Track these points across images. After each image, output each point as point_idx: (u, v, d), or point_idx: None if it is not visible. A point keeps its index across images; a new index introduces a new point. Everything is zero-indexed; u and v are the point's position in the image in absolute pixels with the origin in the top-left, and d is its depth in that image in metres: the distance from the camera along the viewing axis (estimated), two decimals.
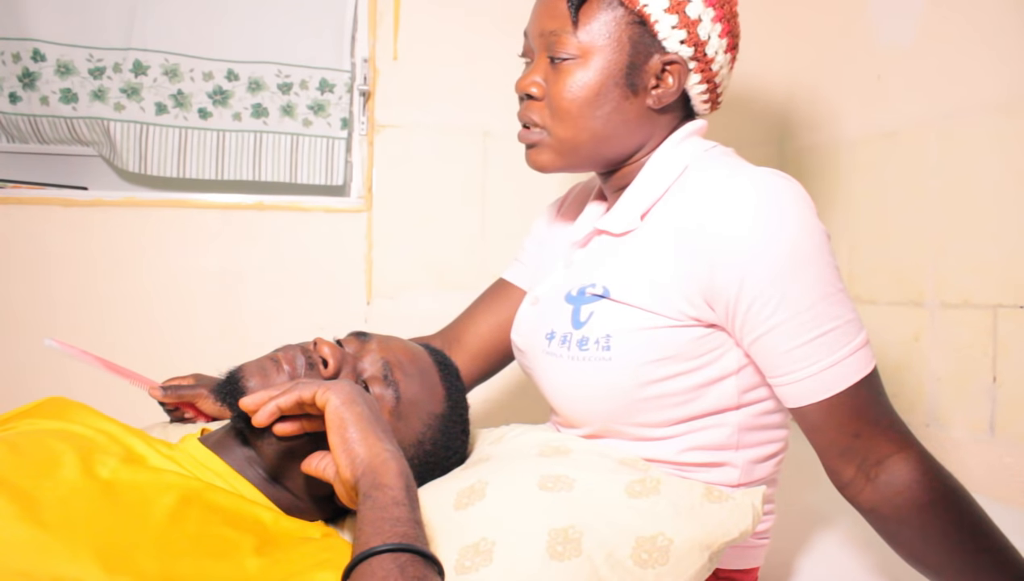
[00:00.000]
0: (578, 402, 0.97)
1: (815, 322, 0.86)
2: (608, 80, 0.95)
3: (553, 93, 0.97)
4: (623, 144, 0.99)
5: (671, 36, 0.95)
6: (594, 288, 0.96)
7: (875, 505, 0.89)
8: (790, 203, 0.88)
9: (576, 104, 0.96)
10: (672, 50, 0.95)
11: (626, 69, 0.95)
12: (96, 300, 1.61)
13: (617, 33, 0.95)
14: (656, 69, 0.96)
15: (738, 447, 0.96)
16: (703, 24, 0.95)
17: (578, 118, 0.96)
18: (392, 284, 1.72)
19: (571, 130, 0.97)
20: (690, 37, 0.95)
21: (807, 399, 0.88)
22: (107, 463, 0.80)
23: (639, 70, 0.96)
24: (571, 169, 1.02)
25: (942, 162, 1.43)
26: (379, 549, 0.66)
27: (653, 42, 0.95)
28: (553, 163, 1.00)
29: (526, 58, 1.03)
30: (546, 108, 0.98)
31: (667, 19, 0.94)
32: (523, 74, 1.01)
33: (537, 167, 1.02)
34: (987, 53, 1.35)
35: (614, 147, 0.99)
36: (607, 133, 0.97)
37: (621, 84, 0.95)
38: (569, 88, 0.95)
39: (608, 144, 0.99)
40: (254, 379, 0.88)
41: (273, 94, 1.72)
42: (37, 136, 1.66)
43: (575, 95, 0.95)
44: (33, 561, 0.67)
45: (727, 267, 0.87)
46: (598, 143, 0.98)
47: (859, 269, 1.62)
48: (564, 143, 0.98)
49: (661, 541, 0.82)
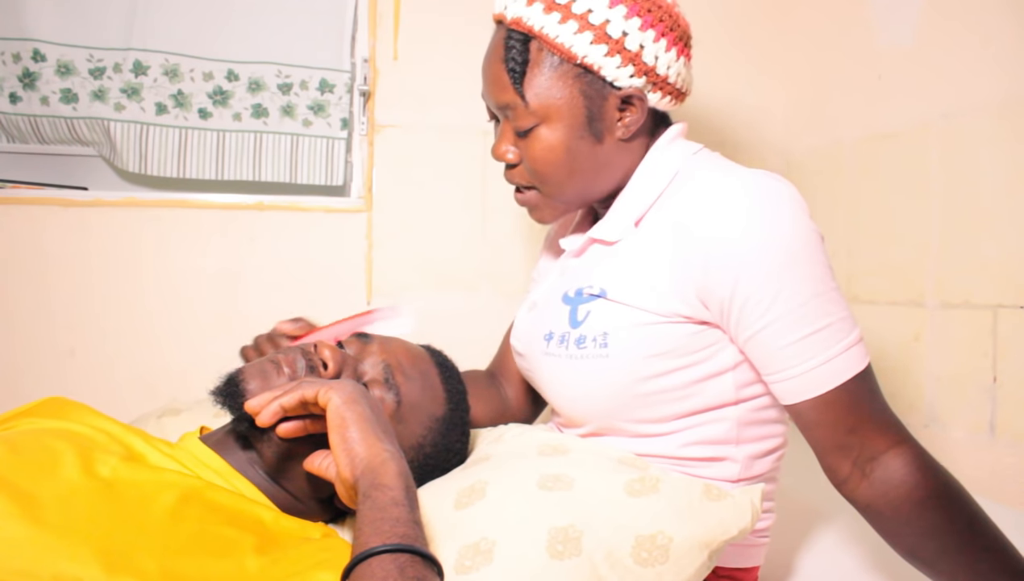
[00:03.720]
0: (578, 400, 0.97)
1: (807, 320, 0.87)
2: (572, 136, 0.97)
3: (528, 159, 1.00)
4: (610, 177, 1.02)
5: (620, 75, 0.95)
6: (591, 289, 0.97)
7: (871, 501, 0.89)
8: (782, 204, 0.89)
9: (551, 166, 0.98)
10: (625, 86, 0.96)
11: (586, 121, 0.96)
12: (96, 300, 1.61)
13: (567, 89, 0.95)
14: (615, 106, 0.97)
15: (738, 442, 0.96)
16: (647, 51, 0.95)
17: (556, 176, 0.99)
18: (392, 284, 1.72)
19: (555, 187, 1.01)
20: (639, 69, 0.95)
21: (801, 396, 0.89)
22: (107, 462, 0.80)
23: (599, 116, 0.97)
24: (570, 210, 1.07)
25: (942, 162, 1.43)
26: (378, 549, 0.66)
27: (604, 85, 0.96)
28: (552, 215, 1.05)
29: (494, 121, 1.05)
30: (526, 171, 1.01)
31: (610, 62, 0.94)
32: (495, 141, 1.03)
33: (540, 221, 1.07)
34: (987, 53, 1.35)
35: (603, 183, 1.02)
36: (590, 177, 1.00)
37: (587, 136, 0.97)
38: (539, 155, 0.98)
39: (596, 183, 1.01)
40: (255, 381, 0.88)
41: (273, 94, 1.72)
42: (37, 136, 1.66)
43: (547, 159, 0.98)
44: (33, 560, 0.67)
45: (720, 269, 0.88)
46: (585, 187, 1.01)
47: (859, 269, 1.62)
48: (554, 197, 1.02)
49: (661, 540, 0.82)
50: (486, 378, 1.24)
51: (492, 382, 1.24)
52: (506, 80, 0.97)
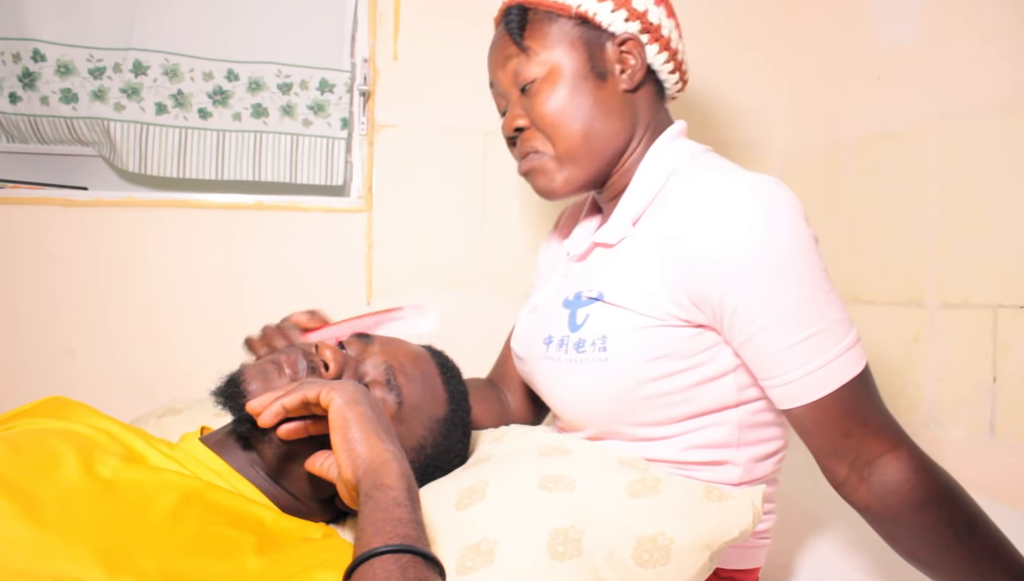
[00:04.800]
0: (578, 404, 0.97)
1: (801, 324, 0.87)
2: (576, 78, 1.00)
3: (536, 116, 1.01)
4: (613, 134, 1.01)
5: (614, 20, 1.01)
6: (590, 291, 0.97)
7: (869, 504, 0.89)
8: (776, 209, 0.88)
9: (558, 112, 1.00)
10: (621, 31, 1.01)
11: (588, 63, 1.00)
12: (96, 300, 1.61)
13: (567, 40, 1.00)
14: (615, 55, 1.01)
15: (739, 445, 0.96)
16: None
17: (565, 124, 1.00)
18: (392, 284, 1.72)
19: (563, 140, 1.00)
20: (631, 14, 1.01)
21: (796, 401, 0.89)
22: (108, 462, 0.80)
23: (600, 59, 1.01)
24: (575, 183, 1.03)
25: (942, 162, 1.43)
26: (380, 550, 0.66)
27: (601, 33, 1.01)
28: (556, 179, 1.02)
29: (502, 107, 1.07)
30: (537, 133, 1.02)
31: (604, 7, 1.00)
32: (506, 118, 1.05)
33: (544, 190, 1.04)
34: (987, 53, 1.35)
35: (605, 140, 1.01)
36: (594, 126, 1.00)
37: (589, 76, 1.00)
38: (547, 102, 1.00)
39: (599, 138, 1.01)
40: (256, 382, 0.88)
41: (273, 94, 1.72)
42: (37, 136, 1.66)
43: (554, 105, 1.00)
44: (33, 560, 0.67)
45: (710, 276, 0.88)
46: (589, 140, 1.00)
47: (859, 269, 1.62)
48: (562, 157, 1.01)
49: (662, 541, 0.82)
50: (486, 384, 1.24)
51: (493, 389, 1.23)
52: (508, 42, 1.02)
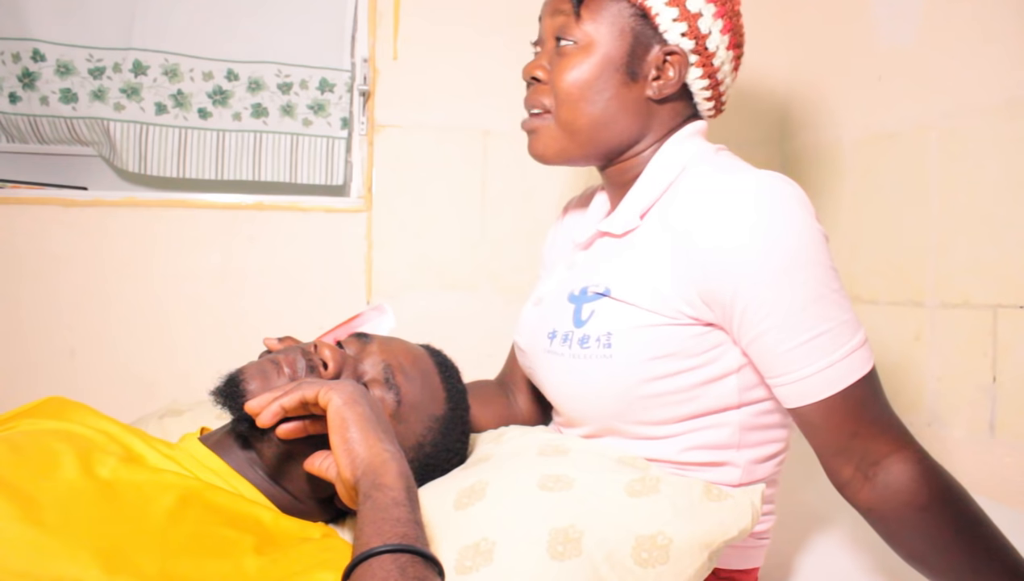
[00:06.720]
0: (579, 400, 0.97)
1: (810, 323, 0.86)
2: (608, 66, 0.98)
3: (556, 77, 0.99)
4: (620, 132, 1.00)
5: (672, 28, 0.97)
6: (596, 287, 0.96)
7: (873, 505, 0.89)
8: (787, 207, 0.88)
9: (576, 86, 0.98)
10: (673, 42, 0.97)
11: (627, 57, 0.98)
12: (96, 300, 1.61)
13: (619, 24, 0.97)
14: (658, 60, 0.98)
15: (739, 447, 0.96)
16: (704, 18, 0.97)
17: (578, 101, 0.98)
18: (392, 284, 1.72)
19: (571, 113, 0.99)
20: (691, 30, 0.97)
21: (804, 400, 0.88)
22: (107, 463, 0.80)
23: (640, 59, 0.98)
24: (569, 158, 1.03)
25: (942, 162, 1.43)
26: (379, 550, 0.66)
27: (654, 34, 0.98)
28: (550, 148, 1.02)
29: (536, 48, 1.05)
30: (550, 92, 1.01)
31: (668, 12, 0.97)
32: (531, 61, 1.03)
33: (537, 154, 1.03)
34: (987, 54, 1.35)
35: (611, 134, 1.00)
36: (605, 119, 0.99)
37: (621, 70, 0.98)
38: (571, 72, 0.98)
39: (606, 130, 1.00)
40: (255, 382, 0.87)
41: (273, 94, 1.72)
42: (37, 136, 1.66)
43: (576, 78, 0.98)
44: (33, 561, 0.67)
45: (721, 275, 0.87)
46: (596, 128, 1.00)
47: (859, 269, 1.61)
48: (564, 127, 1.00)
49: (661, 540, 0.82)
50: (496, 386, 1.24)
51: (502, 390, 1.23)
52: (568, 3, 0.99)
